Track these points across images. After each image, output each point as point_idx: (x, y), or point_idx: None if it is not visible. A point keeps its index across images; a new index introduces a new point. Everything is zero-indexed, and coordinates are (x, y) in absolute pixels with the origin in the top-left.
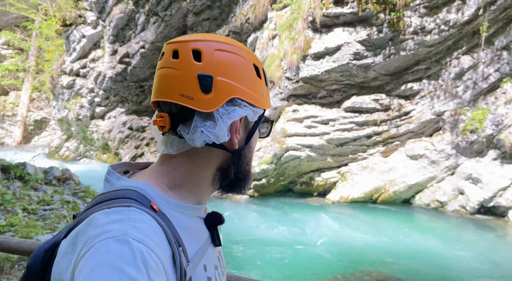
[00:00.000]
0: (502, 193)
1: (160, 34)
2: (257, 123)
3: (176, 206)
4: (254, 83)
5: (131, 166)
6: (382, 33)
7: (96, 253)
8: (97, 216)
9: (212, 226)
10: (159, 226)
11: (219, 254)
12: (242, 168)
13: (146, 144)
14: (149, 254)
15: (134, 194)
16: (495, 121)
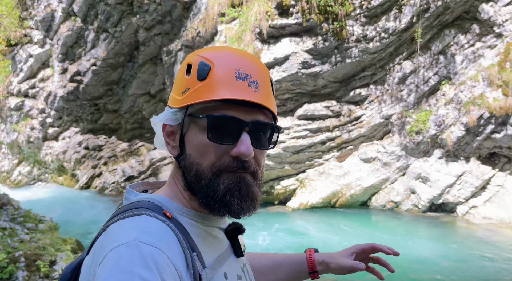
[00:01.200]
0: (449, 190)
1: (112, 51)
2: (182, 125)
3: (192, 214)
4: (179, 84)
5: (149, 185)
6: (327, 42)
7: (109, 260)
8: (111, 227)
9: (233, 236)
10: (170, 230)
11: (243, 266)
12: (188, 178)
13: (104, 163)
14: (159, 256)
15: (147, 204)
16: (437, 121)
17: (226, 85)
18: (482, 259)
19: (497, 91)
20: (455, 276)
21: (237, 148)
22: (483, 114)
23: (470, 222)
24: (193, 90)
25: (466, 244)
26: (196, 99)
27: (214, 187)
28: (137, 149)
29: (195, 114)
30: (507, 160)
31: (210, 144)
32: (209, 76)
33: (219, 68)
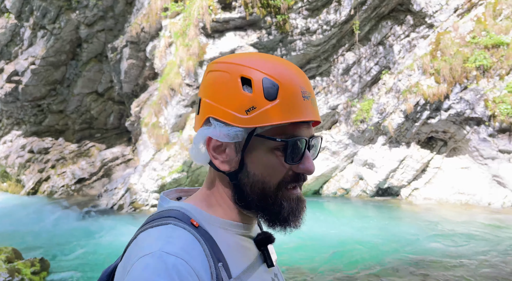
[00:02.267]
0: (393, 174)
1: (51, 49)
2: (246, 144)
3: (221, 223)
4: (236, 99)
5: (183, 192)
6: (271, 35)
7: (135, 270)
8: (140, 236)
9: (262, 245)
10: (196, 240)
11: (274, 276)
12: (248, 195)
13: (51, 166)
14: (183, 266)
15: (175, 213)
16: (379, 110)
17: (296, 107)
18: (419, 235)
19: (430, 79)
20: (395, 251)
21: (304, 165)
22: (419, 101)
23: (412, 203)
24: (263, 111)
25: (407, 223)
26: (269, 121)
27: (279, 206)
28: (87, 150)
29: (267, 136)
30: (443, 143)
31: (279, 163)
32: (279, 97)
33: (287, 87)
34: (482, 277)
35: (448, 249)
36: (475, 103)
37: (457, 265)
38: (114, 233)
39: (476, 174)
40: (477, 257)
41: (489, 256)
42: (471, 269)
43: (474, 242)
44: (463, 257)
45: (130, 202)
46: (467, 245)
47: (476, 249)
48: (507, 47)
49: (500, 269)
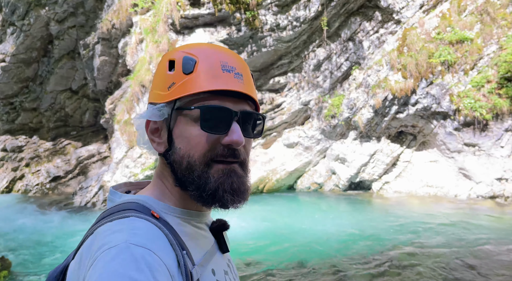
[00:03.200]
0: (364, 169)
1: (21, 46)
2: (169, 120)
3: (177, 212)
4: (161, 80)
5: (132, 186)
6: (241, 31)
7: (100, 262)
8: (99, 230)
9: (218, 232)
10: (160, 231)
11: (228, 261)
12: (178, 172)
13: (25, 165)
14: (151, 257)
15: (134, 205)
16: (349, 105)
17: (213, 77)
18: (389, 226)
19: (398, 74)
20: (366, 241)
21: (229, 136)
22: (387, 96)
23: (383, 196)
24: (180, 84)
25: (377, 216)
26: (184, 92)
27: (206, 179)
28: (62, 148)
29: (185, 106)
30: (413, 138)
31: (201, 134)
32: (196, 70)
33: (204, 61)
34: (449, 265)
35: (416, 240)
36: (441, 98)
37: (425, 255)
38: (84, 231)
39: (444, 167)
40: (444, 246)
41: (456, 245)
42: (438, 258)
43: (441, 232)
44: (431, 247)
45: (103, 200)
46: (434, 236)
47: (443, 239)
48: (471, 43)
49: (465, 255)
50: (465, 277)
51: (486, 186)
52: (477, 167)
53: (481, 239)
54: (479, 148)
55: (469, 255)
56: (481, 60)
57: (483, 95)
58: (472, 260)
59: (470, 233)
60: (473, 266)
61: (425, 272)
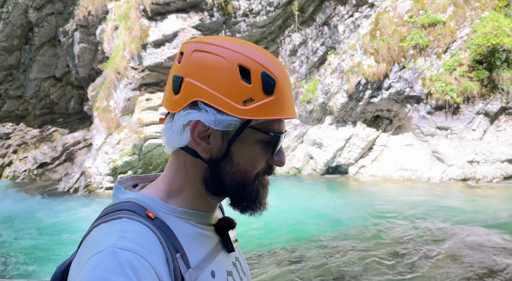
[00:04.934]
0: (340, 153)
1: (2, 33)
2: (237, 134)
3: (179, 212)
4: (231, 86)
5: (139, 179)
6: (214, 17)
7: (86, 269)
8: (93, 232)
9: (223, 231)
10: (151, 232)
11: (236, 260)
12: (226, 182)
13: (13, 151)
14: (137, 261)
15: (130, 205)
16: (324, 90)
17: (288, 104)
18: (364, 208)
19: (371, 58)
20: (339, 225)
21: (279, 158)
22: (360, 81)
23: (359, 180)
24: (261, 104)
25: (352, 198)
26: (265, 115)
27: (257, 193)
28: (49, 135)
29: (259, 128)
30: (389, 122)
31: (262, 154)
32: (275, 92)
33: (281, 84)
34: (410, 246)
35: (382, 222)
36: (413, 82)
37: (389, 236)
38: (65, 215)
39: (418, 151)
40: (416, 225)
41: (426, 224)
42: (411, 236)
43: (413, 212)
44: (396, 228)
45: (85, 185)
46: (407, 218)
47: (410, 221)
48: (443, 26)
49: (431, 236)
50: (425, 257)
51: (458, 169)
52: (450, 150)
53: (448, 220)
54: (451, 131)
55: (433, 236)
56: (454, 43)
57: (455, 78)
58: (435, 241)
59: (436, 214)
60: (435, 247)
61: (383, 255)
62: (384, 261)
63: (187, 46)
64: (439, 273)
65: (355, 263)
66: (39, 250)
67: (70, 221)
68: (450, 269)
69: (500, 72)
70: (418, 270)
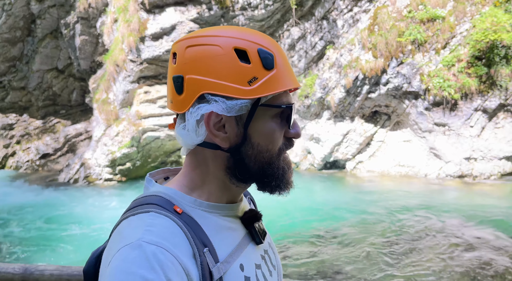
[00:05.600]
0: (337, 148)
1: (4, 25)
2: (251, 116)
3: (205, 206)
4: (233, 71)
5: (170, 172)
6: (212, 10)
7: (114, 262)
8: (122, 224)
9: (250, 224)
10: (178, 227)
11: (264, 253)
12: (251, 166)
13: (16, 142)
14: (163, 255)
15: (157, 199)
16: (322, 85)
17: (289, 74)
18: (360, 204)
19: (368, 53)
20: (336, 216)
21: (295, 130)
22: (358, 76)
23: (356, 175)
24: (265, 80)
25: (348, 194)
26: (271, 90)
27: (283, 169)
28: (52, 126)
29: (270, 104)
30: (387, 117)
31: (279, 129)
32: (276, 66)
33: (278, 57)
34: (413, 237)
35: (384, 216)
36: (411, 77)
37: (393, 229)
38: (62, 205)
39: (416, 147)
40: (408, 220)
41: (418, 219)
42: (406, 234)
43: (407, 208)
44: (393, 221)
45: (84, 176)
46: (401, 212)
47: (410, 216)
48: (442, 21)
49: (430, 228)
50: (411, 252)
51: (455, 166)
52: (447, 147)
53: (441, 216)
54: (449, 127)
55: (423, 231)
56: (454, 38)
57: (453, 74)
58: (425, 236)
59: (430, 210)
60: (422, 242)
61: (371, 250)
62: (372, 255)
63: (179, 45)
64: (423, 268)
65: (345, 257)
66: (34, 239)
67: (67, 211)
68: (432, 264)
69: (498, 68)
70: (402, 264)
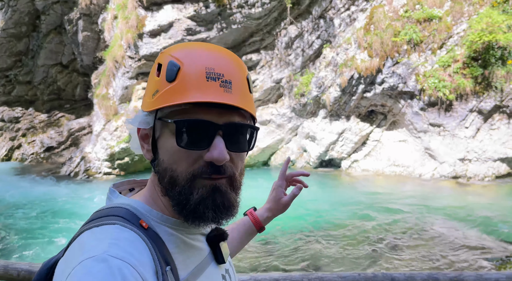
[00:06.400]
0: (333, 147)
1: (10, 21)
2: (155, 130)
3: (171, 222)
4: (149, 85)
5: (136, 183)
6: (209, 8)
7: (75, 275)
8: (84, 235)
9: (214, 243)
10: (143, 243)
11: (225, 272)
12: (165, 185)
13: (22, 135)
14: (128, 270)
15: (123, 212)
16: (318, 83)
17: (196, 87)
18: (352, 202)
19: (364, 53)
20: (330, 214)
21: (210, 152)
22: (353, 75)
23: (351, 174)
24: (163, 92)
25: (342, 192)
26: (164, 103)
27: (187, 196)
28: (57, 120)
29: (164, 118)
30: (383, 117)
31: (181, 149)
32: (178, 77)
33: (189, 68)
34: (405, 235)
35: (375, 215)
36: (407, 77)
37: (382, 228)
38: (60, 197)
39: (411, 147)
40: (400, 221)
41: (406, 217)
42: (393, 233)
43: (400, 209)
44: (386, 221)
45: (84, 170)
46: (393, 213)
47: (401, 215)
48: (439, 21)
49: (428, 226)
50: (394, 249)
51: (449, 166)
52: (442, 147)
53: (431, 216)
54: (444, 128)
55: (410, 229)
56: (450, 39)
57: (449, 75)
58: (410, 234)
59: (420, 209)
60: (404, 243)
61: (355, 247)
62: (354, 252)
63: None
64: (403, 266)
65: (328, 253)
66: (25, 231)
67: (61, 204)
68: (415, 263)
69: (494, 69)
70: (384, 261)
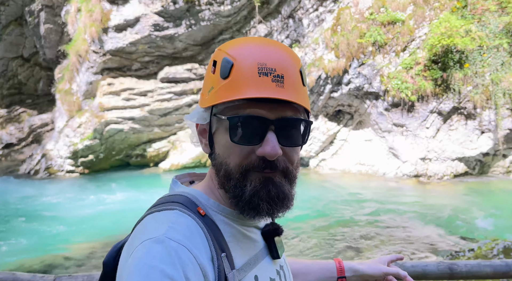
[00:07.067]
0: None
1: None
2: (211, 125)
3: (227, 213)
4: (206, 82)
5: (195, 176)
6: (177, 4)
7: (137, 253)
8: (146, 219)
9: (269, 237)
10: (200, 228)
11: (280, 268)
12: (221, 178)
13: None
14: (184, 253)
15: (183, 199)
16: None
17: (248, 83)
18: (318, 200)
19: (331, 53)
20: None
21: (262, 148)
22: (321, 75)
23: (319, 173)
24: (217, 89)
25: (310, 190)
26: (219, 99)
27: (242, 188)
28: (17, 115)
29: (218, 114)
30: (350, 117)
31: (234, 144)
32: (231, 74)
33: (241, 64)
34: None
35: (338, 212)
36: (372, 78)
37: (344, 224)
38: (16, 195)
39: (377, 146)
40: (368, 215)
41: (377, 215)
42: (353, 230)
43: (366, 204)
44: (348, 218)
45: (46, 167)
46: (361, 208)
47: (367, 210)
48: (402, 24)
49: (387, 222)
50: (347, 251)
51: (411, 165)
52: (404, 147)
53: (389, 213)
54: (406, 128)
55: (391, 221)
56: (413, 42)
57: (411, 77)
58: (391, 224)
59: (389, 205)
60: (361, 240)
61: (316, 243)
62: (313, 248)
63: None
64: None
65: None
66: None
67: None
68: (371, 256)
69: (452, 72)
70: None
